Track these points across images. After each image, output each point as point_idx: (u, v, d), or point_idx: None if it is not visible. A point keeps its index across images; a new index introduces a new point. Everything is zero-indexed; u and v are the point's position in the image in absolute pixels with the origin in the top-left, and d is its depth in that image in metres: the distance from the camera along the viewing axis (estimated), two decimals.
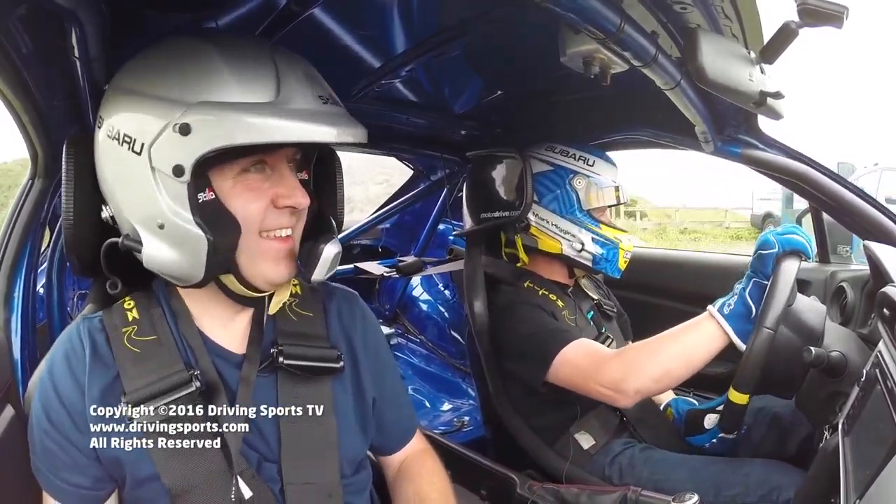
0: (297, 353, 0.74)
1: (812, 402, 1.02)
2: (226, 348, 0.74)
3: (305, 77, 0.66)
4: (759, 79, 0.81)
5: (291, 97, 0.63)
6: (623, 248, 1.33)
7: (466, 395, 2.21)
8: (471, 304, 1.39)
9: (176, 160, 0.61)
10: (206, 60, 0.63)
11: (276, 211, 0.68)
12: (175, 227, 0.64)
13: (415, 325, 2.57)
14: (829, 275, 1.52)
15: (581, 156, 1.33)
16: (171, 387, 0.67)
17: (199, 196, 0.63)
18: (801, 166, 1.20)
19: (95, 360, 0.69)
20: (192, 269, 0.65)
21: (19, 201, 0.97)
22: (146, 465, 0.67)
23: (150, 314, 0.72)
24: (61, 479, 0.68)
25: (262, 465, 0.72)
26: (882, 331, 0.85)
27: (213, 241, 0.64)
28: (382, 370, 0.85)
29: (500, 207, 1.37)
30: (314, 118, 0.63)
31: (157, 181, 0.63)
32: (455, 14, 0.97)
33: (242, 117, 0.60)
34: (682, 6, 0.70)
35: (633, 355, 1.09)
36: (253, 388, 0.72)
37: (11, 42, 0.69)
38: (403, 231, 2.54)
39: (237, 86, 0.62)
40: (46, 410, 0.68)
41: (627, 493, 1.00)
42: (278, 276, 0.70)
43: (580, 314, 1.34)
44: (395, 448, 0.90)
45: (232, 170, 0.66)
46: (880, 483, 0.59)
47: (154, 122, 0.62)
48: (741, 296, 1.02)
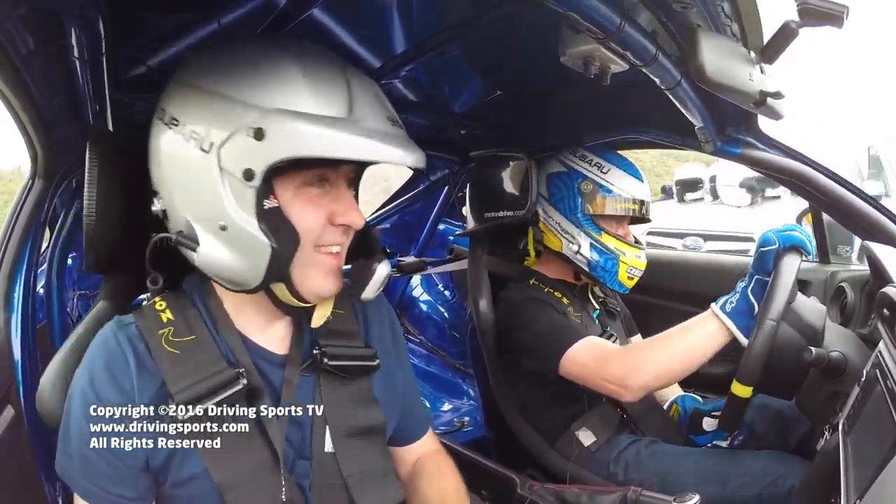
0: (339, 353, 0.76)
1: (812, 402, 1.02)
2: (266, 349, 0.74)
3: (376, 97, 0.67)
4: (759, 78, 0.82)
5: (365, 115, 0.64)
6: (625, 261, 1.31)
7: (466, 395, 2.21)
8: (475, 303, 1.39)
9: (247, 164, 0.61)
10: (282, 67, 0.63)
11: (332, 227, 0.69)
12: (238, 230, 0.64)
13: (415, 326, 2.57)
14: (829, 275, 1.52)
15: (598, 162, 1.33)
16: (218, 385, 0.67)
17: (264, 203, 0.63)
18: (800, 166, 1.20)
19: (141, 369, 0.67)
20: (249, 275, 0.66)
21: (19, 201, 0.97)
22: (192, 464, 0.67)
23: (184, 315, 0.71)
24: (103, 489, 0.67)
25: (296, 463, 0.72)
26: (882, 331, 0.85)
27: (276, 248, 0.64)
28: (405, 360, 0.90)
29: (504, 207, 1.38)
30: (385, 139, 0.64)
31: (224, 182, 0.63)
32: (455, 14, 0.97)
33: (318, 129, 0.60)
34: (683, 5, 0.70)
35: (638, 352, 1.13)
36: (295, 389, 0.73)
37: (11, 42, 0.68)
38: (403, 231, 2.53)
39: (312, 97, 0.62)
40: (90, 420, 0.66)
41: (628, 494, 1.01)
42: (327, 290, 0.71)
43: (585, 312, 1.35)
44: (411, 438, 0.91)
45: (294, 181, 0.66)
46: (880, 483, 0.59)
47: (226, 123, 0.62)
48: (743, 293, 1.03)
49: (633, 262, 1.32)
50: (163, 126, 0.66)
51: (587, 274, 1.33)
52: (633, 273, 1.33)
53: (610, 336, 1.33)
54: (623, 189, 1.32)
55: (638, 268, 1.33)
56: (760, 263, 1.01)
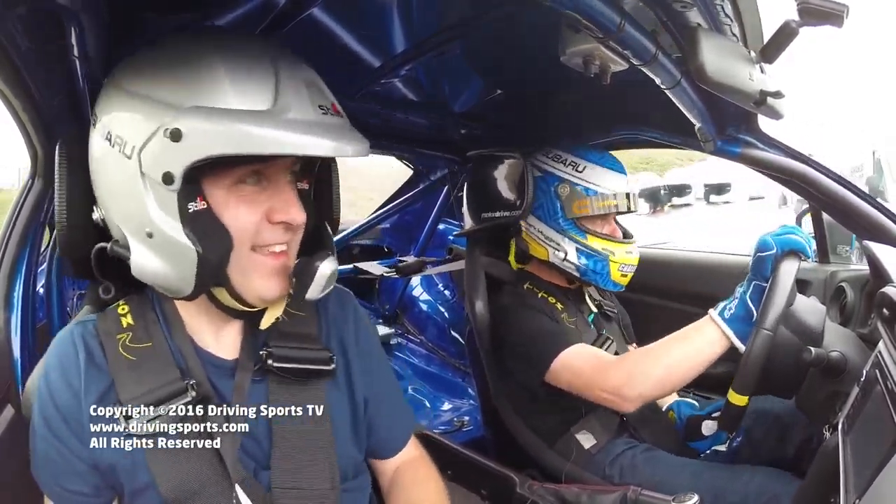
0: (288, 355, 0.72)
1: (812, 402, 1.02)
2: (217, 356, 0.73)
3: (306, 85, 0.63)
4: (759, 78, 0.81)
5: (289, 106, 0.60)
6: (615, 260, 1.27)
7: (466, 395, 2.21)
8: (472, 304, 1.39)
9: (166, 167, 0.58)
10: (202, 62, 0.60)
11: (271, 225, 0.65)
12: (163, 236, 0.61)
13: (415, 325, 2.57)
14: (829, 275, 1.52)
15: (572, 161, 1.28)
16: (168, 396, 0.66)
17: (189, 206, 0.60)
18: (800, 166, 1.20)
19: (90, 366, 0.67)
20: (180, 282, 0.63)
21: (19, 201, 0.97)
22: (142, 474, 0.66)
23: (144, 320, 0.71)
24: (61, 486, 0.68)
25: (258, 473, 0.70)
26: (882, 331, 0.85)
27: (202, 253, 0.61)
28: (374, 371, 0.83)
29: (500, 207, 1.37)
30: (312, 130, 0.60)
31: (146, 187, 0.60)
32: (455, 14, 0.97)
33: (236, 126, 0.57)
34: (683, 5, 0.70)
35: (636, 360, 1.09)
36: (246, 395, 0.70)
37: (11, 42, 0.68)
38: (403, 231, 2.54)
39: (233, 91, 0.59)
40: (45, 418, 0.67)
41: (627, 493, 1.00)
42: (269, 292, 0.68)
43: (580, 317, 1.33)
44: (388, 453, 0.86)
45: (226, 179, 0.62)
46: (880, 483, 0.59)
47: (145, 125, 0.59)
48: (742, 299, 1.01)
49: (624, 259, 1.28)
50: (94, 133, 0.65)
51: (577, 279, 1.31)
52: (625, 270, 1.29)
53: (606, 339, 1.31)
54: (602, 186, 1.27)
55: (630, 263, 1.29)
56: (758, 268, 1.00)
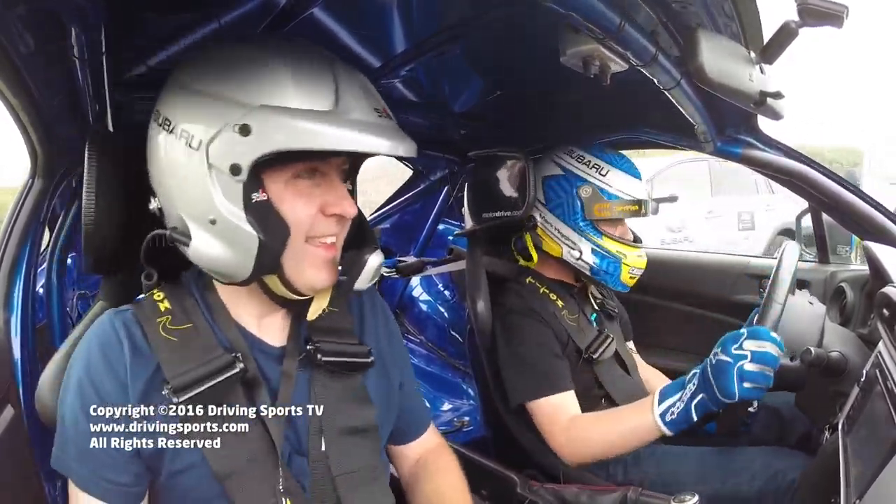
0: (333, 349, 0.76)
1: (812, 402, 1.02)
2: (264, 340, 0.75)
3: (362, 89, 0.68)
4: (759, 79, 0.82)
5: (350, 108, 0.65)
6: (627, 263, 1.29)
7: (466, 395, 2.21)
8: (473, 303, 1.39)
9: (234, 159, 0.63)
10: (269, 66, 0.65)
11: (324, 218, 0.70)
12: (227, 223, 0.65)
13: (415, 325, 2.57)
14: (828, 275, 1.52)
15: (595, 163, 1.30)
16: (214, 370, 0.68)
17: (252, 196, 0.65)
18: (800, 166, 1.20)
19: (135, 353, 0.68)
20: (239, 267, 0.67)
21: (19, 201, 0.97)
22: (189, 454, 0.67)
23: (182, 304, 0.73)
24: (105, 479, 0.68)
25: (292, 458, 0.72)
26: (882, 331, 0.85)
27: (263, 240, 0.65)
28: (402, 359, 0.89)
29: (501, 207, 1.37)
30: (370, 130, 0.64)
31: (212, 178, 0.64)
32: (455, 14, 0.97)
33: (301, 123, 0.62)
34: (682, 5, 0.70)
35: (583, 430, 1.16)
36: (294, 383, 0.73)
37: (11, 42, 0.68)
38: (403, 231, 2.53)
39: (297, 92, 0.64)
40: (86, 410, 0.66)
41: (628, 493, 1.00)
42: (320, 281, 0.71)
43: (582, 315, 1.34)
44: (411, 436, 0.92)
45: (284, 174, 0.67)
46: (880, 483, 0.59)
47: (214, 121, 0.63)
48: (687, 407, 1.00)
49: (635, 263, 1.31)
50: (157, 127, 0.68)
51: (588, 277, 1.32)
52: (634, 273, 1.31)
53: (606, 338, 1.31)
54: (623, 191, 1.29)
55: (639, 267, 1.32)
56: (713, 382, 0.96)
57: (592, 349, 1.28)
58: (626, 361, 1.36)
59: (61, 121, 0.88)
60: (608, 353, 1.30)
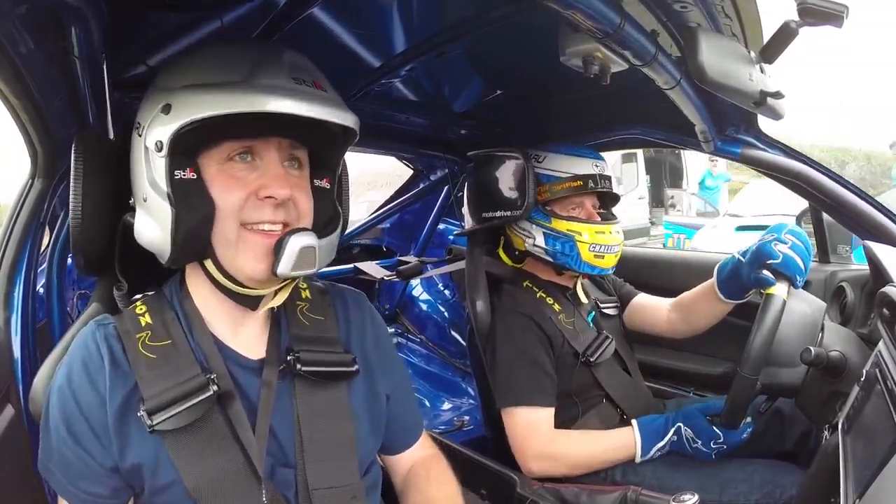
0: (315, 358, 0.74)
1: (812, 402, 1.02)
2: (240, 353, 0.74)
3: (289, 63, 0.67)
4: (759, 78, 0.81)
5: (261, 75, 0.65)
6: (583, 241, 1.26)
7: (466, 395, 2.21)
8: (472, 303, 1.39)
9: (157, 136, 0.65)
10: (200, 52, 0.69)
11: (259, 202, 0.67)
12: (152, 199, 0.67)
13: (415, 325, 2.57)
14: (829, 275, 1.52)
15: (535, 154, 1.33)
16: (189, 392, 0.66)
17: (176, 172, 0.65)
18: (800, 166, 1.20)
19: (115, 368, 0.68)
20: (163, 243, 0.67)
21: (19, 201, 0.97)
22: (166, 472, 0.66)
23: (162, 318, 0.72)
24: (78, 487, 0.67)
25: (275, 471, 0.71)
26: (882, 331, 0.86)
27: (177, 213, 0.65)
28: (392, 367, 0.86)
29: (501, 207, 1.37)
30: (279, 92, 0.63)
31: (147, 158, 0.67)
32: (455, 14, 0.97)
33: (211, 93, 0.64)
34: (682, 5, 0.70)
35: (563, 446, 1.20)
36: (275, 393, 0.72)
37: (11, 42, 0.68)
38: (403, 230, 2.54)
39: (215, 69, 0.66)
40: (67, 421, 0.66)
41: (627, 493, 1.01)
42: (255, 271, 0.68)
43: (579, 317, 1.33)
44: (401, 447, 0.89)
45: (219, 154, 0.67)
46: (880, 483, 0.59)
47: (151, 108, 0.67)
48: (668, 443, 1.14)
49: (596, 239, 1.27)
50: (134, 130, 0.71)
51: (554, 265, 1.32)
52: (598, 250, 1.27)
53: (605, 338, 1.31)
54: (559, 171, 1.30)
55: (604, 243, 1.28)
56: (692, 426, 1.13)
57: (591, 351, 1.27)
58: (626, 361, 1.36)
59: (61, 121, 0.87)
60: (607, 354, 1.29)
